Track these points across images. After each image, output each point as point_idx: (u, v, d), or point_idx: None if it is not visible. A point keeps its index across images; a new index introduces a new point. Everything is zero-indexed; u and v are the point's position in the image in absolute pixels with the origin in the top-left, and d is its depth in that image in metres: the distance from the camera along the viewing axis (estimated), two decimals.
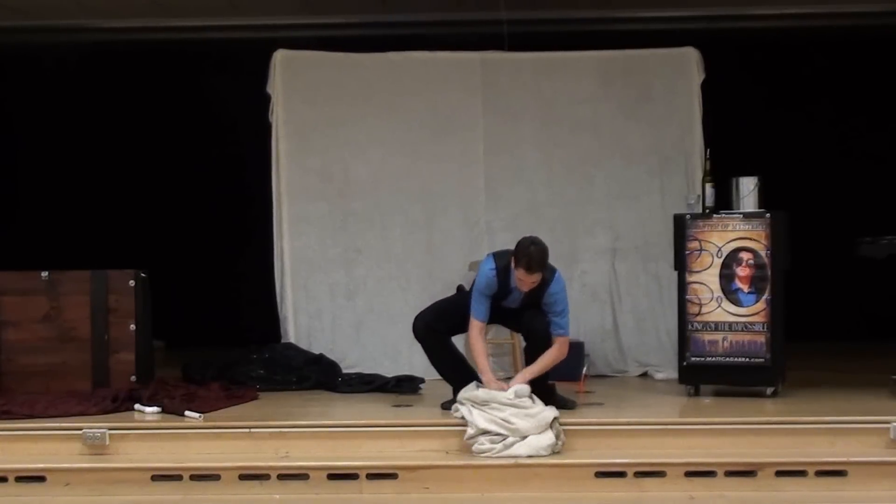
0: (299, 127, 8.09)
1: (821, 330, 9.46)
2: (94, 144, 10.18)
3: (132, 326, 7.15)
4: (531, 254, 6.10)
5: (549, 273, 6.29)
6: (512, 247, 6.25)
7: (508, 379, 6.44)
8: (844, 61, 9.91)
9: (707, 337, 6.79)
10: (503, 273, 6.30)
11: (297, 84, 8.09)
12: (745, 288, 6.75)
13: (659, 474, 5.60)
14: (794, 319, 7.15)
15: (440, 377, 6.74)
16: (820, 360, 8.39)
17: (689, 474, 5.59)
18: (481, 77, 8.15)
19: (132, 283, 7.18)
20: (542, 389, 6.32)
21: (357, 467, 5.67)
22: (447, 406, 6.30)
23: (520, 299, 6.38)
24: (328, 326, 8.04)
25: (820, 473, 5.58)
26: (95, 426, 5.88)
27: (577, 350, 7.64)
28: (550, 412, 5.92)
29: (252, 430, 5.92)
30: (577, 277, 8.00)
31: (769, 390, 6.75)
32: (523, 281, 6.20)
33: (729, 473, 5.59)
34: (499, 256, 6.38)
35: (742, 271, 6.75)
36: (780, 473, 5.58)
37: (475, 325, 6.39)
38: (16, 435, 5.92)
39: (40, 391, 6.83)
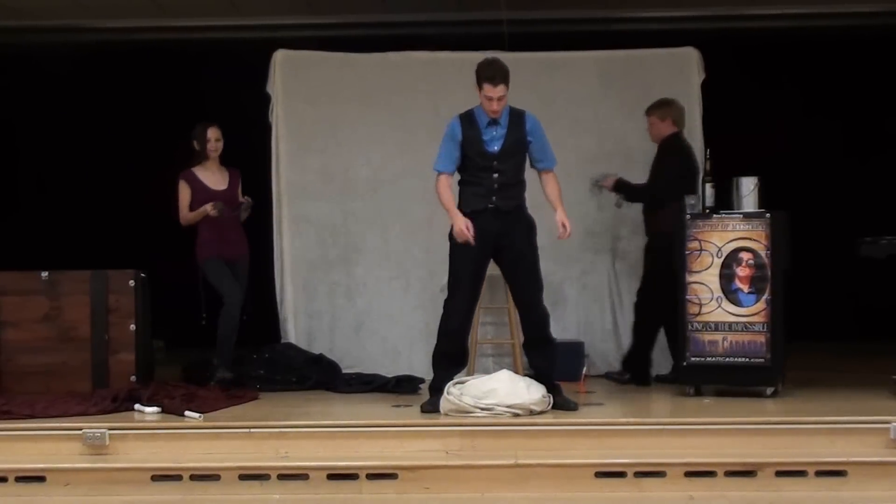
0: (299, 127, 8.10)
1: (821, 330, 9.47)
2: (93, 144, 10.18)
3: (132, 326, 7.16)
4: (492, 65, 6.28)
5: (519, 109, 6.46)
6: None
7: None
8: (844, 61, 9.91)
9: (707, 337, 6.79)
10: (465, 115, 6.42)
11: (297, 84, 8.10)
12: (745, 288, 6.75)
13: (659, 474, 5.59)
14: (794, 319, 7.16)
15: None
16: (820, 360, 8.40)
17: (689, 474, 5.58)
18: None
19: (132, 283, 7.19)
20: (548, 389, 6.37)
21: (357, 467, 5.66)
22: (429, 408, 6.30)
23: (501, 138, 6.39)
24: (328, 327, 8.05)
25: (820, 473, 5.57)
26: (95, 426, 5.87)
27: (577, 350, 7.66)
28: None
29: (252, 430, 5.91)
30: (577, 277, 8.00)
31: (769, 390, 6.75)
32: (491, 98, 6.26)
33: (729, 473, 5.58)
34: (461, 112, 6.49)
35: (742, 271, 6.75)
36: (780, 473, 5.58)
37: (440, 179, 6.46)
38: (16, 435, 5.91)
39: (40, 391, 6.83)
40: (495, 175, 6.40)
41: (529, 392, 6.21)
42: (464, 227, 6.29)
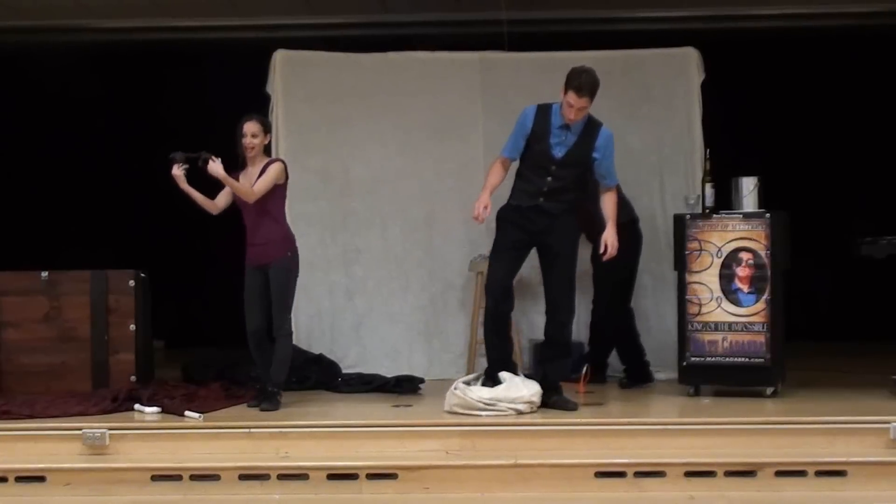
0: (299, 127, 8.09)
1: (821, 330, 9.47)
2: (94, 144, 10.17)
3: (132, 326, 7.16)
4: (582, 76, 6.20)
5: (597, 121, 6.42)
6: None
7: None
8: (844, 61, 9.90)
9: (707, 337, 6.79)
10: (543, 110, 6.38)
11: (297, 84, 8.09)
12: (745, 288, 6.75)
13: (659, 474, 5.60)
14: (794, 319, 7.15)
15: (440, 377, 6.74)
16: (820, 360, 8.39)
17: (689, 474, 5.58)
18: (481, 77, 8.15)
19: (132, 283, 7.19)
20: (550, 388, 6.42)
21: (357, 467, 5.67)
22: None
23: (567, 146, 6.36)
24: (328, 326, 8.04)
25: (820, 473, 5.58)
26: (95, 426, 5.88)
27: (576, 350, 7.65)
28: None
29: (252, 430, 5.92)
30: (577, 278, 7.97)
31: (769, 390, 6.75)
32: (572, 106, 6.22)
33: (729, 473, 5.59)
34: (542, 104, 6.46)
35: (742, 271, 6.75)
36: (780, 473, 5.58)
37: (499, 159, 6.50)
38: (16, 435, 5.91)
39: (40, 391, 6.84)
40: (549, 178, 6.40)
41: (526, 386, 6.30)
42: (480, 206, 6.35)
